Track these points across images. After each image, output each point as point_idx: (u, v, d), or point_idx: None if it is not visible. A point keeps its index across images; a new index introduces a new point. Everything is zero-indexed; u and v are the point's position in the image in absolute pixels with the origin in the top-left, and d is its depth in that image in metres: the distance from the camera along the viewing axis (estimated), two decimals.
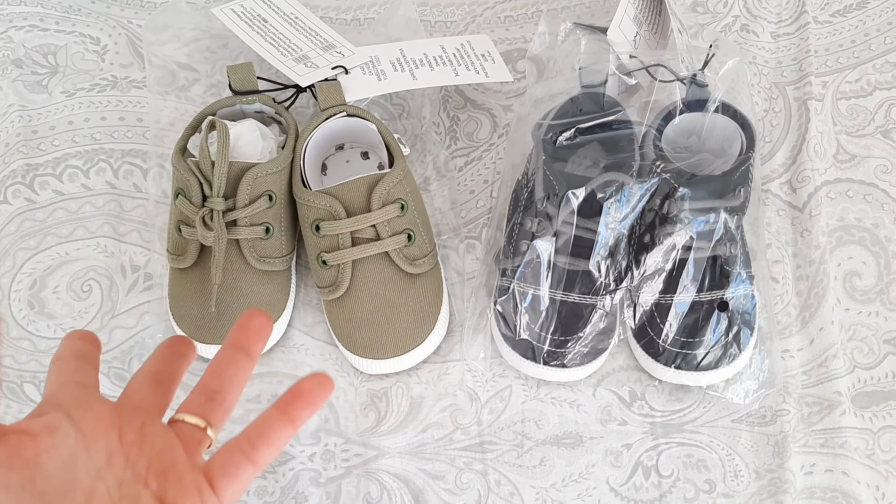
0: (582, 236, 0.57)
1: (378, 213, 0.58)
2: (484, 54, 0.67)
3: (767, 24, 0.71)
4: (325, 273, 0.60)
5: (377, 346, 0.59)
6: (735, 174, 0.56)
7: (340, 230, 0.57)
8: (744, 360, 0.59)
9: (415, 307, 0.60)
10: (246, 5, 0.67)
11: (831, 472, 0.59)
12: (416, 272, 0.60)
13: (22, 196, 0.65)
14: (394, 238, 0.58)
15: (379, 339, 0.59)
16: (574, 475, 0.60)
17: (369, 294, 0.59)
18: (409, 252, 0.60)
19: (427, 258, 0.61)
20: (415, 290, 0.60)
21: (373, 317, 0.59)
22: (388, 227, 0.58)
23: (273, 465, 0.59)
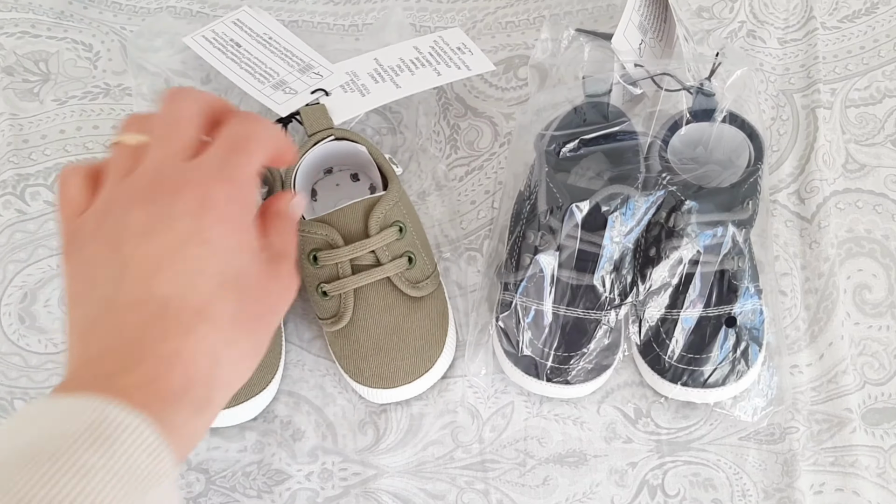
0: (586, 250, 0.55)
1: (377, 238, 0.56)
2: (460, 47, 0.65)
3: (774, 29, 0.70)
4: (327, 304, 0.58)
5: (386, 374, 0.57)
6: (743, 186, 0.55)
7: (339, 258, 0.56)
8: (752, 376, 0.57)
9: (421, 331, 0.58)
10: (217, 31, 0.65)
11: (842, 492, 0.58)
12: (420, 295, 0.58)
13: (13, 207, 0.64)
14: (394, 262, 0.57)
15: (387, 367, 0.57)
16: (578, 495, 0.58)
17: (374, 322, 0.57)
18: (411, 275, 0.58)
19: (430, 280, 0.59)
20: (420, 313, 0.58)
21: (380, 345, 0.57)
22: (387, 251, 0.57)
23: (269, 484, 0.58)
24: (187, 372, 0.34)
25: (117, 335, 0.34)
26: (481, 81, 0.69)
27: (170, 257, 0.35)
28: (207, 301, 0.35)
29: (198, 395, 0.35)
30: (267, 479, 0.58)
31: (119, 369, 0.33)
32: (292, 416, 0.59)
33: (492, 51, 0.69)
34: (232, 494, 0.58)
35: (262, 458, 0.58)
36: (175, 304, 0.35)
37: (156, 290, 0.35)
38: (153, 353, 0.34)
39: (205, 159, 0.38)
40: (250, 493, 0.58)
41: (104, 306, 0.35)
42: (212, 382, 0.35)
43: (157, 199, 0.36)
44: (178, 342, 0.34)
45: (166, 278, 0.35)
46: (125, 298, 0.35)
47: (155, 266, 0.35)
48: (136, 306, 0.35)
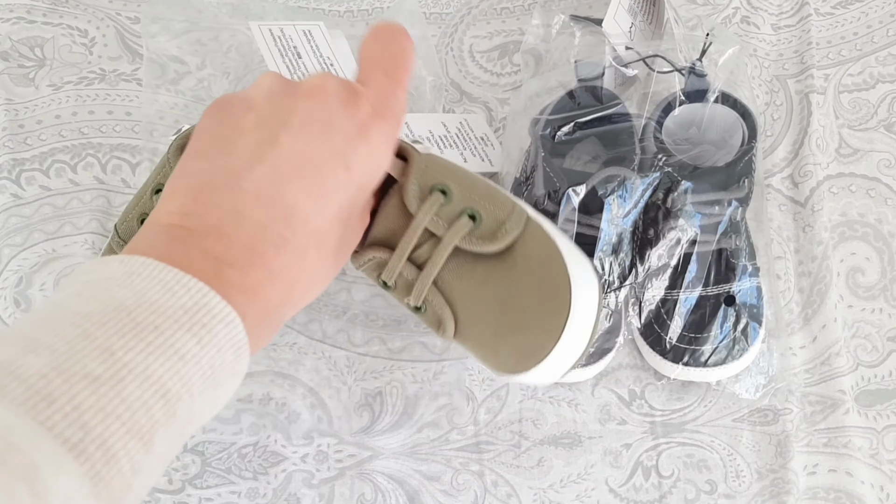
0: (584, 233, 0.55)
1: (421, 213, 0.45)
2: (483, 137, 0.64)
3: (768, 15, 0.70)
4: (426, 317, 0.48)
5: (527, 350, 0.46)
6: (738, 165, 0.55)
7: (399, 266, 0.46)
8: (753, 354, 0.58)
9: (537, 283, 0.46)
10: (286, 32, 0.62)
11: (835, 472, 0.58)
12: (504, 244, 0.46)
13: (8, 191, 0.64)
14: (454, 228, 0.45)
15: (520, 344, 0.46)
16: (573, 476, 0.58)
17: (479, 303, 0.47)
18: (483, 232, 0.46)
19: (509, 222, 0.46)
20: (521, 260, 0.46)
21: (499, 328, 0.46)
22: (441, 220, 0.46)
23: (265, 466, 0.58)
24: (285, 293, 0.35)
25: (234, 221, 0.34)
26: (476, 67, 0.69)
27: (313, 166, 0.35)
28: (325, 227, 0.36)
29: (281, 315, 0.35)
30: (262, 460, 0.58)
31: (228, 260, 0.33)
32: (287, 398, 0.59)
33: (487, 36, 0.70)
34: (227, 476, 0.58)
35: (257, 440, 0.58)
36: (299, 217, 0.35)
37: (287, 194, 0.34)
38: (265, 262, 0.34)
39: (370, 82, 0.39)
40: (246, 474, 0.58)
41: (229, 179, 0.34)
42: (294, 307, 0.36)
43: (320, 100, 0.37)
44: (289, 259, 0.34)
45: (301, 186, 0.35)
46: (254, 185, 0.34)
47: (296, 167, 0.35)
48: (263, 201, 0.34)
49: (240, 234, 0.33)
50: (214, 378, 0.31)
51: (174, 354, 0.29)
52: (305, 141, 0.35)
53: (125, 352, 0.28)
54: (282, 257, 0.34)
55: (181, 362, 0.29)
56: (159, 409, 0.28)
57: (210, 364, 0.30)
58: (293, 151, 0.35)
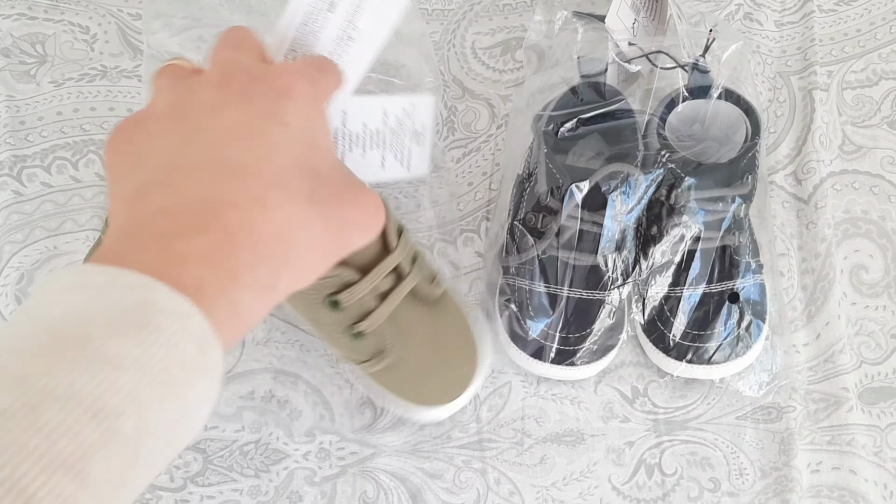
0: (588, 230, 0.55)
1: (399, 249, 0.50)
2: (418, 131, 0.58)
3: (771, 12, 0.70)
4: (362, 345, 0.52)
5: (451, 384, 0.54)
6: (742, 161, 0.55)
7: (362, 293, 0.49)
8: (756, 351, 0.57)
9: (456, 327, 0.54)
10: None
11: (838, 470, 0.58)
12: (441, 290, 0.54)
13: (9, 188, 0.64)
14: (416, 267, 0.51)
15: (451, 376, 0.54)
16: (575, 474, 0.58)
17: (419, 340, 0.53)
18: (428, 273, 0.53)
19: (437, 276, 0.55)
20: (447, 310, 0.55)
21: (430, 363, 0.53)
22: (408, 259, 0.51)
23: (267, 463, 0.58)
24: (256, 246, 0.30)
25: (178, 194, 0.30)
26: (478, 63, 0.68)
27: (246, 129, 0.32)
28: (280, 173, 0.32)
29: (263, 276, 0.30)
30: (264, 458, 0.58)
31: (176, 231, 0.29)
32: (289, 395, 0.59)
33: (489, 33, 0.69)
34: (229, 474, 0.58)
35: (259, 437, 0.58)
36: (250, 169, 0.31)
37: (229, 155, 0.31)
38: (219, 219, 0.29)
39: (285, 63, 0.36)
40: (248, 472, 0.58)
41: (165, 170, 0.31)
42: (280, 264, 0.31)
43: (232, 83, 0.34)
44: (249, 209, 0.30)
45: (241, 146, 0.32)
46: (190, 160, 0.31)
47: (228, 134, 0.32)
48: (205, 166, 0.31)
49: (185, 202, 0.30)
50: (173, 381, 0.26)
51: (106, 365, 0.25)
52: (229, 114, 0.33)
53: (41, 375, 0.24)
54: (237, 211, 0.30)
55: (116, 372, 0.25)
56: (91, 430, 0.24)
57: (162, 366, 0.26)
58: (220, 125, 0.32)
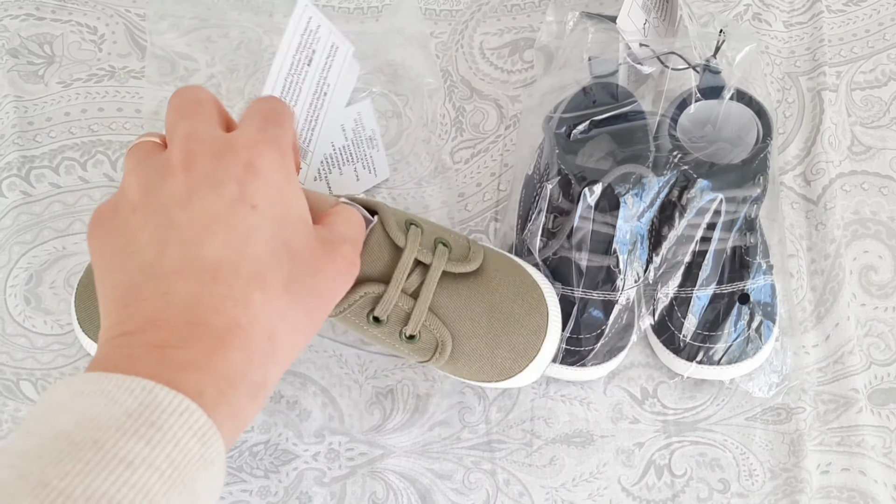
0: (600, 231, 0.55)
1: (409, 244, 0.49)
2: (369, 138, 0.60)
3: (780, 12, 0.70)
4: (420, 345, 0.52)
5: (521, 349, 0.52)
6: (754, 162, 0.55)
7: (395, 297, 0.49)
8: (766, 352, 0.57)
9: (511, 289, 0.52)
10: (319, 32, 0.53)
11: (848, 472, 0.58)
12: (478, 262, 0.52)
13: (18, 189, 0.64)
14: (437, 253, 0.51)
15: (518, 343, 0.52)
16: (585, 474, 0.58)
17: (471, 320, 0.51)
18: (457, 255, 0.52)
19: (472, 245, 0.54)
20: (495, 276, 0.53)
21: (494, 333, 0.52)
22: (424, 250, 0.50)
23: (276, 464, 0.58)
24: (245, 350, 0.32)
25: (165, 304, 0.32)
26: (487, 64, 0.68)
27: (218, 221, 0.34)
28: (261, 267, 0.34)
29: (255, 379, 0.33)
30: (274, 459, 0.58)
31: (169, 342, 0.31)
32: (299, 396, 0.59)
33: (497, 33, 0.69)
34: (239, 474, 0.58)
35: (268, 438, 0.58)
36: (227, 269, 0.33)
37: (206, 254, 0.33)
38: (208, 328, 0.32)
39: (241, 128, 0.37)
40: (257, 472, 0.58)
41: (146, 273, 0.33)
42: (269, 360, 0.34)
43: (197, 166, 0.35)
44: (234, 314, 0.32)
45: (216, 243, 0.33)
46: (171, 265, 0.33)
47: (202, 230, 0.33)
48: (185, 272, 0.33)
49: (174, 312, 0.32)
50: (179, 475, 0.28)
51: (119, 464, 0.27)
52: (199, 205, 0.34)
53: (60, 479, 0.26)
54: (223, 316, 0.32)
55: (129, 470, 0.27)
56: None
57: (169, 462, 0.28)
58: (192, 220, 0.34)
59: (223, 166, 0.35)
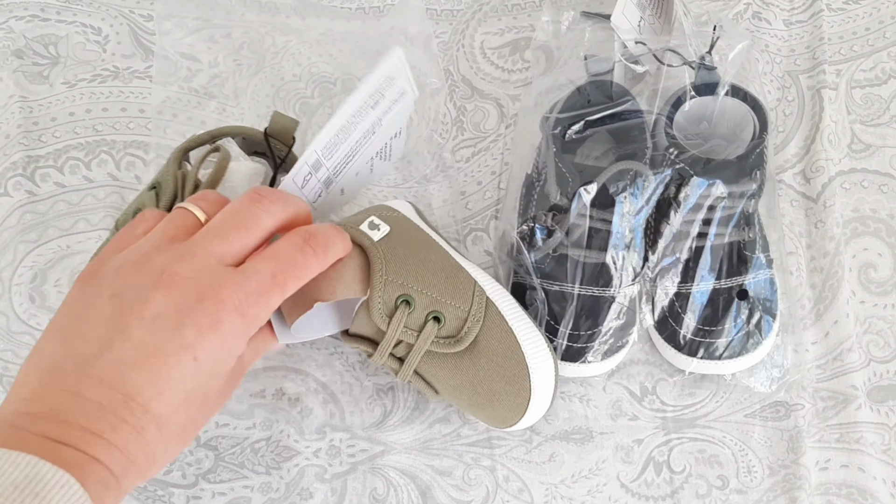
0: (598, 228, 0.56)
1: (391, 329, 0.51)
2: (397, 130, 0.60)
3: (780, 11, 0.70)
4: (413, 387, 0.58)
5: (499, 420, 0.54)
6: (750, 157, 0.55)
7: (382, 360, 0.53)
8: (767, 346, 0.58)
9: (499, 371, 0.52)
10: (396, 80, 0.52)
11: (847, 468, 0.58)
12: (469, 342, 0.52)
13: (23, 188, 0.64)
14: (423, 335, 0.51)
15: (495, 415, 0.54)
16: (584, 471, 0.58)
17: (453, 387, 0.53)
18: (448, 331, 0.52)
19: (470, 317, 0.52)
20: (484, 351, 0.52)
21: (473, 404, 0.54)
22: (410, 331, 0.51)
23: (277, 461, 0.58)
24: (124, 469, 0.36)
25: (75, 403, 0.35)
26: (487, 63, 0.69)
27: (158, 357, 0.37)
28: (167, 412, 0.37)
29: (127, 484, 0.37)
30: (275, 455, 0.58)
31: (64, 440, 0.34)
32: (300, 393, 0.60)
33: (498, 33, 0.70)
34: (240, 471, 0.58)
35: (270, 434, 0.59)
36: (140, 401, 0.36)
37: (129, 380, 0.36)
38: (100, 440, 0.35)
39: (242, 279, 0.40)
40: (259, 469, 0.58)
41: (77, 363, 0.36)
42: (138, 480, 0.38)
43: (180, 294, 0.38)
44: (127, 440, 0.36)
45: (144, 375, 0.36)
46: (99, 370, 0.36)
47: (142, 356, 0.37)
48: (105, 384, 0.36)
49: (77, 414, 0.35)
50: None
51: None
52: (154, 333, 0.37)
53: None
54: (119, 436, 0.36)
55: None
56: None
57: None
58: (141, 343, 0.37)
59: (196, 310, 0.38)
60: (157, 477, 0.58)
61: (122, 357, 0.36)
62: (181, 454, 0.58)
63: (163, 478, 0.58)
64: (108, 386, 0.36)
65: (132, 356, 0.37)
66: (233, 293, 0.39)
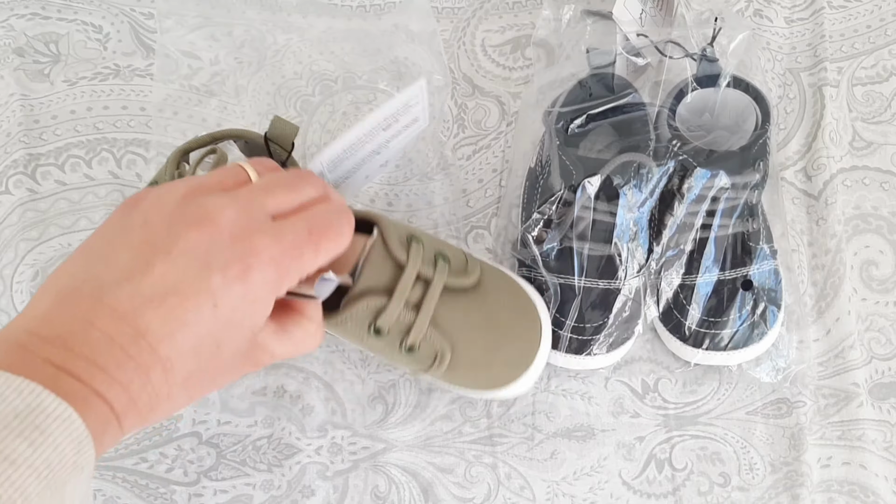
0: (602, 220, 0.56)
1: (412, 260, 0.51)
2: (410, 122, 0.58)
3: (781, 8, 0.70)
4: (419, 355, 0.53)
5: (514, 361, 0.54)
6: (753, 148, 0.55)
7: (396, 312, 0.51)
8: (772, 337, 0.58)
9: (506, 302, 0.54)
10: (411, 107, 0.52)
11: (848, 465, 0.58)
12: (476, 276, 0.54)
13: (24, 186, 0.64)
14: (438, 268, 0.52)
15: (512, 353, 0.54)
16: (586, 468, 0.58)
17: (469, 331, 0.53)
18: (456, 269, 0.54)
19: (470, 260, 0.55)
20: (491, 290, 0.55)
21: (489, 345, 0.53)
22: (426, 265, 0.52)
23: (279, 458, 0.58)
24: (124, 409, 0.35)
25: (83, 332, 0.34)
26: (488, 61, 0.69)
27: (176, 296, 0.35)
28: (175, 356, 0.36)
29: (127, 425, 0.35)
30: (277, 453, 0.58)
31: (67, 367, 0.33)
32: (302, 391, 0.60)
33: (499, 31, 0.70)
34: (242, 468, 0.58)
35: (272, 432, 0.59)
36: (149, 339, 0.35)
37: (142, 315, 0.35)
38: (105, 375, 0.34)
39: (279, 231, 0.39)
40: (260, 466, 0.58)
41: (95, 289, 0.35)
42: (136, 424, 0.36)
43: (214, 236, 0.37)
44: (130, 377, 0.35)
45: (159, 313, 0.35)
46: (114, 300, 0.35)
47: (161, 292, 0.35)
48: (117, 315, 0.34)
49: (84, 345, 0.34)
50: (53, 476, 0.30)
51: (3, 461, 0.29)
52: (178, 272, 0.35)
53: None
54: (123, 373, 0.34)
55: (12, 468, 0.29)
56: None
57: (46, 464, 0.30)
58: (162, 279, 0.35)
59: (228, 252, 0.36)
60: (158, 474, 0.58)
61: (140, 290, 0.35)
62: (182, 451, 0.58)
63: (164, 475, 0.58)
64: (119, 318, 0.34)
65: (150, 291, 0.35)
66: (269, 244, 0.38)
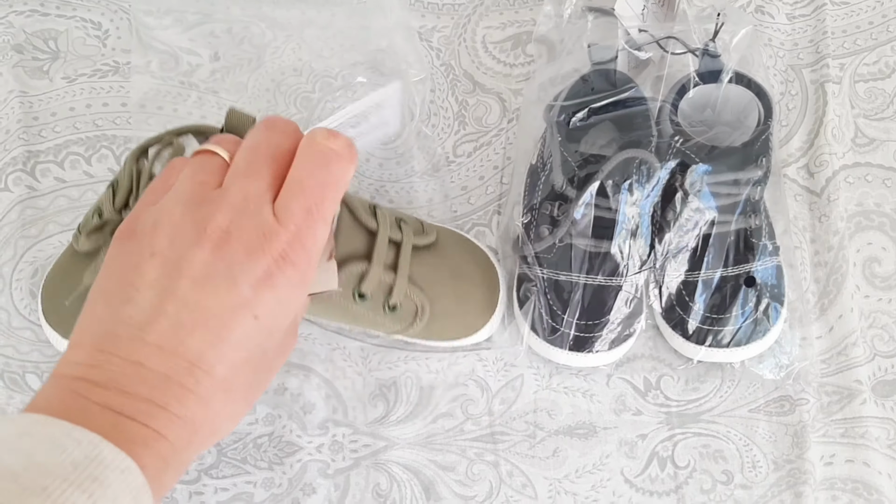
0: (604, 217, 0.55)
1: (381, 225, 0.54)
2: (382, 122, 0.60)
3: (783, 5, 0.70)
4: (401, 313, 0.55)
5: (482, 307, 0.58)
6: (756, 144, 0.55)
7: (378, 274, 0.53)
8: (775, 333, 0.58)
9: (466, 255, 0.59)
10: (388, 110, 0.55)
11: (852, 463, 0.58)
12: (435, 234, 0.58)
13: (23, 183, 0.64)
14: (405, 230, 0.56)
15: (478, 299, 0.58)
16: (588, 466, 0.58)
17: (439, 282, 0.57)
18: (416, 229, 0.57)
19: (424, 222, 0.59)
20: (448, 247, 0.59)
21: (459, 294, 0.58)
22: (394, 228, 0.55)
23: (280, 456, 0.58)
24: (189, 440, 0.34)
25: (136, 374, 0.33)
26: (489, 57, 0.69)
27: (217, 318, 0.35)
28: (231, 374, 0.35)
29: (189, 456, 0.35)
30: (278, 450, 0.58)
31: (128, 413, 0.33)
32: (303, 388, 0.59)
33: (499, 27, 0.69)
34: (243, 466, 0.58)
35: (273, 430, 0.59)
36: (203, 366, 0.34)
37: (191, 344, 0.34)
38: (167, 413, 0.33)
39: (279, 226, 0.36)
40: (261, 464, 0.58)
41: (131, 331, 0.34)
42: (207, 445, 0.36)
43: (226, 251, 0.35)
44: (193, 409, 0.34)
45: (205, 338, 0.34)
46: (157, 337, 0.34)
47: (199, 318, 0.34)
48: (165, 351, 0.34)
49: (141, 386, 0.33)
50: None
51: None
52: (208, 294, 0.34)
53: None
54: (185, 407, 0.34)
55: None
56: None
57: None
58: (196, 304, 0.34)
59: (249, 265, 0.35)
60: None
61: (179, 321, 0.34)
62: None
63: None
64: (169, 353, 0.34)
65: (189, 319, 0.34)
66: (277, 243, 0.36)
